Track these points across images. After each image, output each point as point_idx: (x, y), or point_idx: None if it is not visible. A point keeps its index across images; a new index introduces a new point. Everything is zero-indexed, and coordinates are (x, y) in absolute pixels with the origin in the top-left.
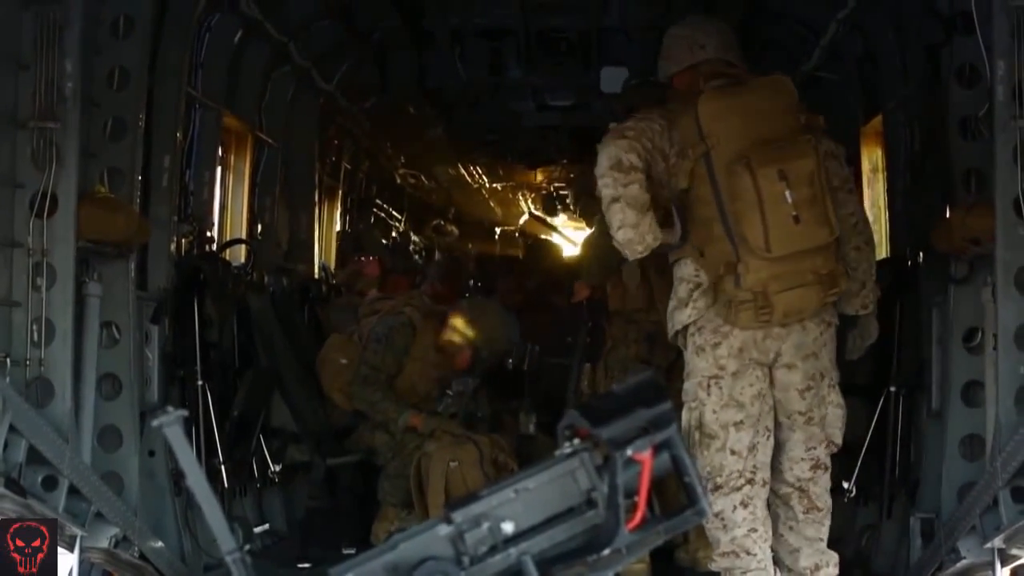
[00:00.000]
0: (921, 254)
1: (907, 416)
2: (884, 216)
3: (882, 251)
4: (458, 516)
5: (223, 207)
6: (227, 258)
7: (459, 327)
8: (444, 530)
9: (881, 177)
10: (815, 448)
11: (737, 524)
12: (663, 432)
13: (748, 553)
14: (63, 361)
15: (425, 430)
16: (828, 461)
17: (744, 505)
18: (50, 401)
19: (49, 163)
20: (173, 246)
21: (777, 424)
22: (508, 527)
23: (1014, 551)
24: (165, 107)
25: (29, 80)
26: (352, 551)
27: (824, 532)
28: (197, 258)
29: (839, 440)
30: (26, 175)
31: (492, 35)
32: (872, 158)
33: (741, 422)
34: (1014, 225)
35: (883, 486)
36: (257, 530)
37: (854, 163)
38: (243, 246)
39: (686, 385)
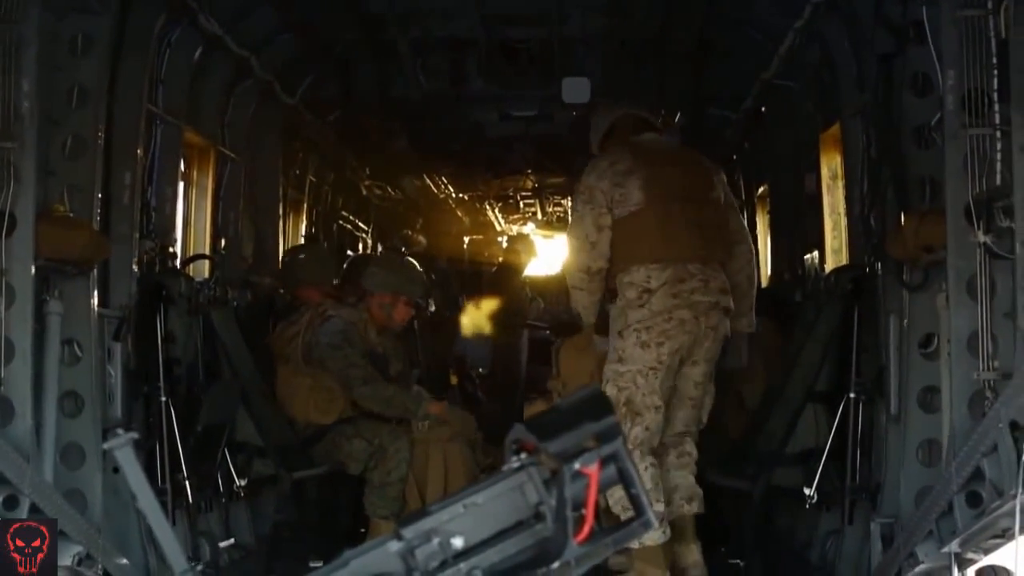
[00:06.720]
0: (879, 261)
1: (867, 422)
2: (843, 223)
3: (842, 258)
4: (408, 532)
5: (186, 222)
6: (190, 273)
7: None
8: (395, 546)
9: (840, 184)
10: (691, 424)
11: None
12: (610, 445)
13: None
14: (23, 379)
15: (449, 417)
16: (695, 431)
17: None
18: (10, 420)
19: (6, 183)
20: (135, 262)
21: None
22: (458, 542)
23: (970, 555)
24: (125, 124)
25: None
26: (319, 564)
27: (692, 475)
28: (160, 274)
29: (705, 419)
30: None
31: (453, 46)
32: (831, 165)
33: (659, 407)
34: (965, 233)
35: (844, 492)
36: (223, 545)
37: (814, 170)
38: (207, 260)
39: (620, 368)
